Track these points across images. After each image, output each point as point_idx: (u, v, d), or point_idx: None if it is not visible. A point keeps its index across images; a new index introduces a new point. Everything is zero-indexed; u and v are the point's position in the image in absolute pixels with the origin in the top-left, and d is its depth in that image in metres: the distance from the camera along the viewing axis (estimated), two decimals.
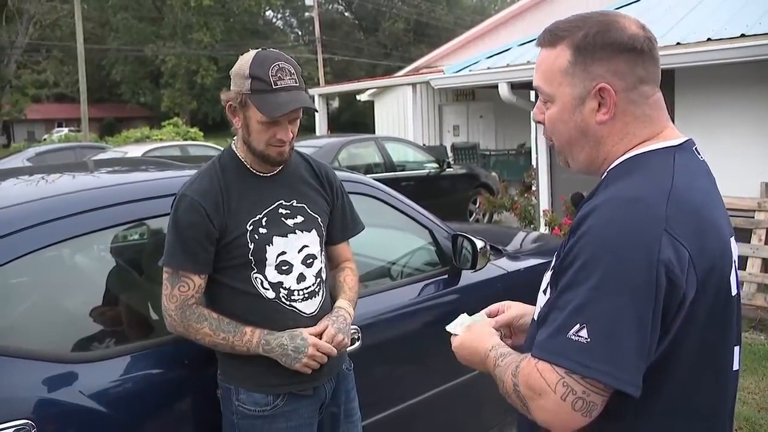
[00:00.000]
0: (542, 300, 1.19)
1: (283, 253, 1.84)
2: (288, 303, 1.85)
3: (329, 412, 1.99)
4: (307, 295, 1.87)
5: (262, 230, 1.83)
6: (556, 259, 1.15)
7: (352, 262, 2.11)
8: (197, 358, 1.93)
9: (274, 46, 2.68)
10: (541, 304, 1.18)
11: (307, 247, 1.89)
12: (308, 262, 1.89)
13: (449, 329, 1.37)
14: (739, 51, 5.46)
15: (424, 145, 11.47)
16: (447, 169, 9.44)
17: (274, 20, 51.59)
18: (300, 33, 51.36)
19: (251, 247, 1.81)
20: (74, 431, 1.73)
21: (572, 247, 1.06)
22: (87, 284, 2.16)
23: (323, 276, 1.94)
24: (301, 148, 2.11)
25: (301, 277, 1.87)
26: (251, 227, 1.82)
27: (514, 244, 3.52)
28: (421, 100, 13.55)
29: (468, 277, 2.74)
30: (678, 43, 6.04)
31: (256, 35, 42.07)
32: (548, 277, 1.18)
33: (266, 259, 1.82)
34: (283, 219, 1.87)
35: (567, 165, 1.23)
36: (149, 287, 2.08)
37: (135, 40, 39.98)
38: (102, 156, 11.52)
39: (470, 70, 8.39)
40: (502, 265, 2.97)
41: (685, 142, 1.16)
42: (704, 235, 1.06)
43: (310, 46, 40.12)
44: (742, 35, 5.67)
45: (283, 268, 1.85)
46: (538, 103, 1.23)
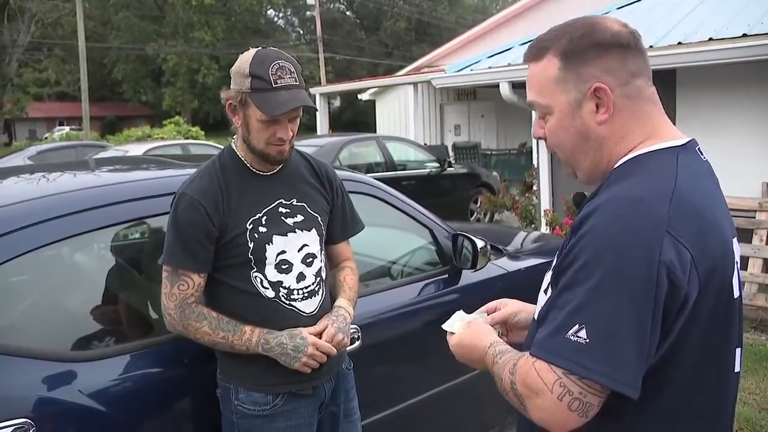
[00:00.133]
0: (543, 299, 1.19)
1: (283, 252, 1.84)
2: (287, 302, 1.84)
3: (329, 412, 1.99)
4: (306, 295, 1.87)
5: (262, 229, 1.82)
6: (557, 259, 1.15)
7: (352, 262, 2.10)
8: (197, 357, 1.93)
9: (276, 45, 2.68)
10: (542, 304, 1.17)
11: (306, 246, 1.88)
12: (308, 261, 1.88)
13: (446, 327, 1.36)
14: (741, 51, 5.47)
15: (426, 145, 11.45)
16: (448, 169, 9.43)
17: (276, 19, 51.65)
18: (301, 32, 51.39)
19: (251, 246, 1.81)
20: (73, 430, 1.73)
21: (573, 247, 1.06)
22: (87, 283, 2.15)
23: (323, 275, 1.94)
24: (303, 148, 2.11)
25: (301, 276, 1.86)
26: (251, 226, 1.81)
27: (514, 244, 3.51)
28: (423, 100, 13.53)
29: (468, 277, 2.74)
30: (680, 43, 6.03)
31: (257, 34, 42.07)
32: (549, 276, 1.18)
33: (266, 258, 1.82)
34: (282, 218, 1.86)
35: (574, 176, 1.23)
36: (149, 286, 2.08)
37: (136, 38, 40.01)
38: (103, 155, 11.52)
39: (471, 70, 8.39)
40: (503, 265, 2.97)
41: (688, 142, 1.16)
42: (706, 236, 1.06)
43: (312, 45, 40.14)
44: (744, 35, 5.66)
45: (283, 267, 1.84)
46: (536, 119, 1.23)
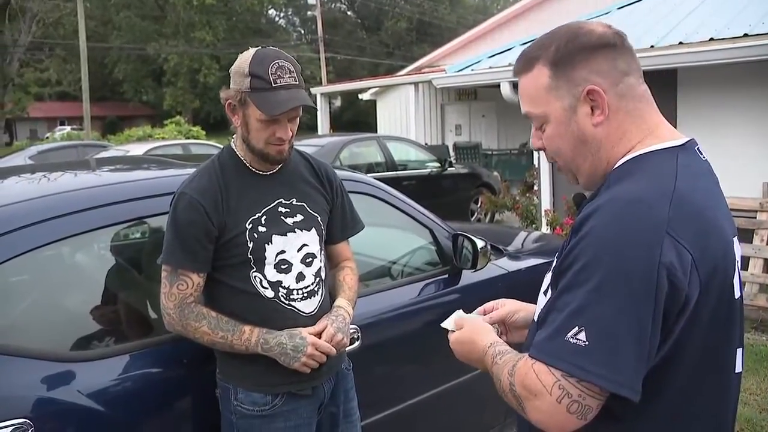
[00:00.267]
0: (543, 301, 1.18)
1: (283, 251, 1.84)
2: (287, 302, 1.84)
3: (328, 412, 1.98)
4: (306, 295, 1.87)
5: (262, 229, 1.82)
6: (556, 260, 1.15)
7: (352, 262, 2.10)
8: (196, 357, 1.92)
9: (277, 44, 2.68)
10: (542, 305, 1.17)
11: (306, 246, 1.88)
12: (307, 261, 1.88)
13: (445, 326, 1.36)
14: (742, 51, 5.46)
15: (426, 145, 11.45)
16: (449, 169, 9.43)
17: (277, 19, 51.66)
18: (302, 32, 51.41)
19: (250, 246, 1.80)
20: (72, 430, 1.72)
21: (573, 248, 1.06)
22: (86, 283, 2.15)
23: (322, 275, 1.93)
24: (303, 147, 2.11)
25: (301, 276, 1.86)
26: (250, 225, 1.81)
27: (515, 244, 3.50)
28: (424, 100, 13.54)
29: (468, 277, 2.74)
30: (681, 43, 6.02)
31: (258, 34, 42.07)
32: (549, 278, 1.18)
33: (265, 258, 1.82)
34: (282, 217, 1.86)
35: (576, 181, 1.23)
36: (148, 286, 2.08)
37: (137, 38, 40.03)
38: (104, 154, 11.52)
39: (472, 70, 8.40)
40: (503, 265, 2.97)
41: (688, 142, 1.16)
42: (707, 237, 1.05)
43: (313, 45, 40.15)
44: (745, 35, 5.66)
45: (282, 267, 1.84)
46: (534, 131, 1.23)
